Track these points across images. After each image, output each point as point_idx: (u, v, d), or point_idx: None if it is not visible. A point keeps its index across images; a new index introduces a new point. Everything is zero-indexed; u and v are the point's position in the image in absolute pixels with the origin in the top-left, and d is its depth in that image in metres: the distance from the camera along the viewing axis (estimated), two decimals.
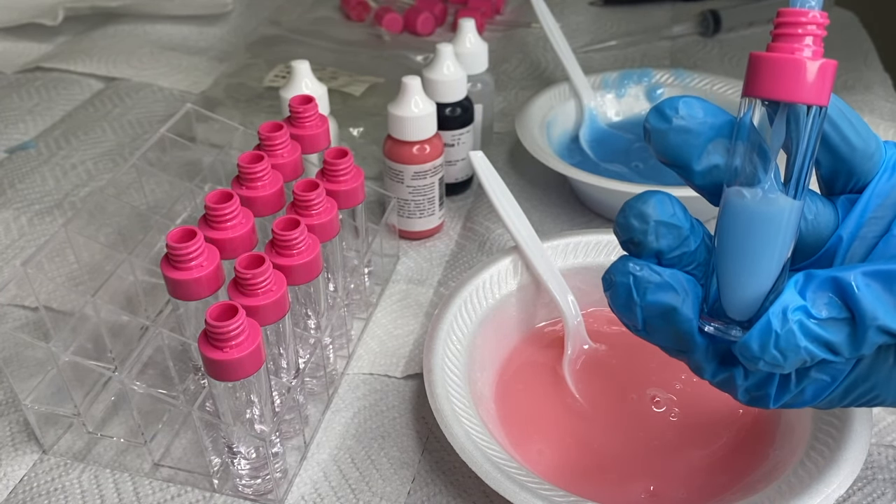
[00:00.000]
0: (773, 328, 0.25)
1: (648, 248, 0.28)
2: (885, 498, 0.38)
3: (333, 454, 0.41)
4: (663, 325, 0.28)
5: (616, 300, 0.28)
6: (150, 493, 0.39)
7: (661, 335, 0.29)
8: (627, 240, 0.28)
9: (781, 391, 0.29)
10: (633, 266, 0.28)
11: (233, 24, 0.89)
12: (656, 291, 0.27)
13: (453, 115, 0.57)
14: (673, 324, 0.28)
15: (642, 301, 0.28)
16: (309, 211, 0.40)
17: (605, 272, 0.29)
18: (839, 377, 0.28)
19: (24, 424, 0.43)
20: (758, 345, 0.26)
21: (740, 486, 0.37)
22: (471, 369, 0.41)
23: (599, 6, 0.92)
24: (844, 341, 0.26)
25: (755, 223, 0.26)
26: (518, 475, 0.34)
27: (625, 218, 0.28)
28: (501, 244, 0.55)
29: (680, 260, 0.28)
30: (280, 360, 0.39)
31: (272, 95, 0.69)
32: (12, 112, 0.72)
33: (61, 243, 0.53)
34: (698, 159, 0.28)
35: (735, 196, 0.27)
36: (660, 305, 0.28)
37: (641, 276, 0.28)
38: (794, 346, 0.25)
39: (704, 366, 0.29)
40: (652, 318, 0.28)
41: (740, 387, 0.29)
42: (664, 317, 0.28)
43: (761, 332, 0.26)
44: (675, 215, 0.28)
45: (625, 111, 0.66)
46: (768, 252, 0.27)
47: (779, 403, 0.29)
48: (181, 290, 0.36)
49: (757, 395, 0.29)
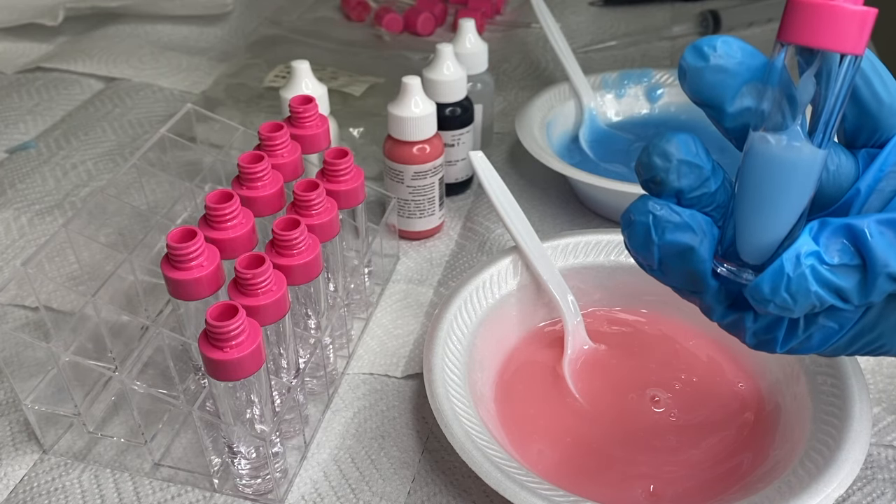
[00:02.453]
0: (786, 272, 0.26)
1: (669, 187, 0.28)
2: (885, 497, 0.39)
3: (333, 454, 0.41)
4: (678, 265, 0.28)
5: (634, 239, 0.29)
6: (151, 492, 0.39)
7: (675, 275, 0.29)
8: (649, 178, 0.28)
9: (789, 336, 0.29)
10: (652, 205, 0.28)
11: (233, 25, 0.89)
12: (674, 231, 0.28)
13: (453, 115, 0.57)
14: (688, 264, 0.28)
15: (660, 240, 0.28)
16: (309, 211, 0.41)
17: (625, 211, 0.29)
18: (847, 325, 0.28)
19: (24, 424, 0.43)
20: (769, 287, 0.26)
21: (740, 486, 0.37)
22: (471, 369, 0.41)
23: (599, 6, 0.92)
24: (854, 288, 0.26)
25: (778, 170, 0.26)
26: (518, 475, 0.34)
27: (647, 156, 0.28)
28: (501, 244, 0.55)
29: (699, 200, 0.28)
30: (280, 359, 0.39)
31: (272, 95, 0.69)
32: (13, 112, 0.72)
33: (62, 243, 0.53)
34: (732, 101, 0.27)
35: (760, 141, 0.26)
36: (677, 245, 0.28)
37: (661, 216, 0.28)
38: (804, 291, 0.26)
39: (714, 307, 0.30)
40: (668, 258, 0.28)
41: (748, 329, 0.29)
42: (680, 257, 0.28)
43: (773, 275, 0.26)
44: (698, 155, 0.28)
45: (625, 111, 0.66)
46: (788, 199, 0.27)
47: (785, 348, 0.29)
48: (181, 290, 0.36)
49: (765, 338, 0.29)
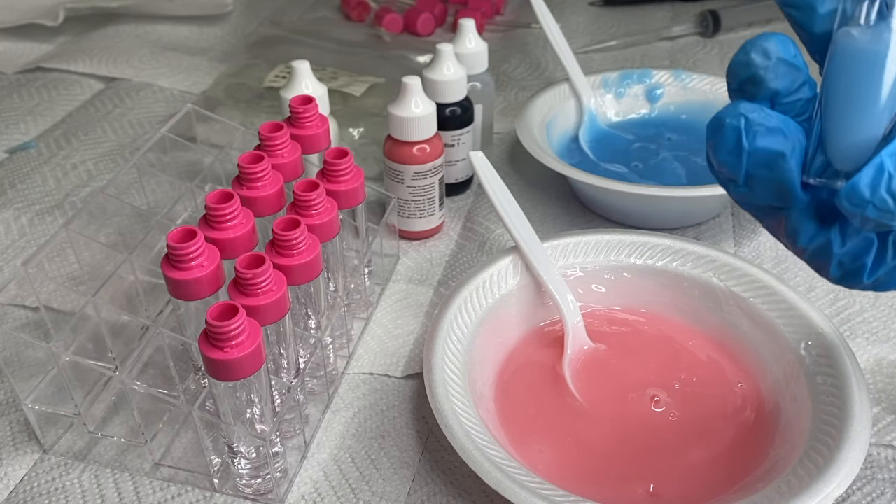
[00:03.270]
0: (886, 168, 0.24)
1: (766, 88, 0.27)
2: (885, 497, 0.39)
3: (334, 454, 0.41)
4: (767, 176, 0.27)
5: (722, 146, 0.27)
6: (151, 492, 0.39)
7: (762, 188, 0.28)
8: (746, 78, 0.27)
9: (878, 263, 0.27)
10: (745, 107, 0.27)
11: (233, 25, 0.89)
12: (767, 135, 0.26)
13: (453, 116, 0.57)
14: (778, 173, 0.27)
15: (751, 146, 0.27)
16: (309, 211, 0.41)
17: (713, 118, 0.28)
18: None
19: (24, 424, 0.43)
20: (868, 186, 0.24)
21: (740, 485, 0.37)
22: (471, 369, 0.41)
23: (599, 6, 0.92)
24: None
25: (864, 63, 0.25)
26: (518, 475, 0.34)
27: (745, 54, 0.27)
28: (501, 244, 0.55)
29: (793, 107, 0.27)
30: (280, 359, 0.39)
31: (272, 96, 0.69)
32: (13, 112, 0.72)
33: (62, 243, 0.53)
34: (823, 1, 0.27)
35: (844, 37, 0.26)
36: (768, 152, 0.26)
37: (753, 118, 0.26)
38: None
39: (801, 227, 0.28)
40: (756, 168, 0.27)
41: (835, 256, 0.27)
42: (770, 165, 0.27)
43: (874, 171, 0.24)
44: (797, 57, 0.27)
45: (624, 111, 0.66)
46: (878, 93, 0.25)
47: (873, 277, 0.27)
48: (182, 289, 0.36)
49: (852, 267, 0.27)
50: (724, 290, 0.45)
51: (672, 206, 0.54)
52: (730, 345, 0.45)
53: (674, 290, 0.47)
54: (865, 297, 0.50)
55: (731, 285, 0.45)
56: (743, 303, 0.44)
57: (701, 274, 0.46)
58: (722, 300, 0.45)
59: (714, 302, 0.45)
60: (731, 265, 0.45)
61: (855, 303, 0.49)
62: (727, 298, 0.45)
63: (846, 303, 0.49)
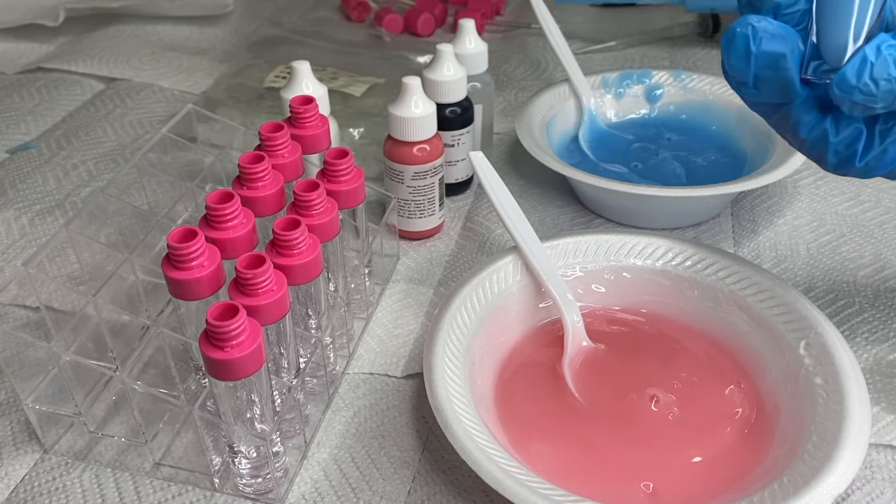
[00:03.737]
0: (868, 59, 0.29)
1: (769, 1, 0.33)
2: (884, 497, 0.39)
3: (334, 453, 0.41)
4: (771, 76, 0.33)
5: (734, 52, 0.33)
6: (151, 492, 0.40)
7: (768, 87, 0.33)
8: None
9: (867, 149, 0.32)
10: (752, 18, 0.32)
11: (233, 25, 0.89)
12: (770, 40, 0.32)
13: (453, 116, 0.57)
14: (780, 72, 0.32)
15: (758, 49, 0.32)
16: (309, 211, 0.41)
17: (727, 30, 0.34)
18: None
19: (25, 424, 0.43)
20: (854, 74, 0.30)
21: (740, 485, 0.37)
22: (471, 369, 0.42)
23: (599, 7, 0.93)
24: None
25: None
26: (518, 474, 0.34)
27: None
28: (501, 244, 0.56)
29: (793, 18, 0.33)
30: (281, 359, 0.39)
31: (273, 96, 0.69)
32: (13, 112, 0.72)
33: (62, 243, 0.53)
34: None
35: None
36: (772, 54, 0.32)
37: (759, 26, 0.32)
38: (886, 76, 0.29)
39: (802, 119, 0.33)
40: (762, 69, 0.33)
41: (831, 144, 0.33)
42: (774, 66, 0.32)
43: (859, 62, 0.29)
44: None
45: (624, 112, 0.66)
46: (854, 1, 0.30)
47: (863, 161, 0.33)
48: (182, 289, 0.36)
49: (845, 154, 0.33)
50: (724, 289, 0.45)
51: (672, 206, 0.54)
52: (729, 344, 0.45)
53: (674, 290, 0.47)
54: (865, 296, 0.50)
55: (730, 285, 0.45)
56: (742, 302, 0.44)
57: (700, 273, 0.46)
58: (721, 300, 0.45)
59: (714, 302, 0.46)
60: (731, 265, 0.45)
61: (854, 303, 0.49)
62: (727, 298, 0.45)
63: (845, 303, 0.49)
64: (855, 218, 0.57)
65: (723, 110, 0.63)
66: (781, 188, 0.60)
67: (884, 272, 0.52)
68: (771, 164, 0.55)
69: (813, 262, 0.53)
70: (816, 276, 0.52)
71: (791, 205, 0.58)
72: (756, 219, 0.57)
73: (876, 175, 0.34)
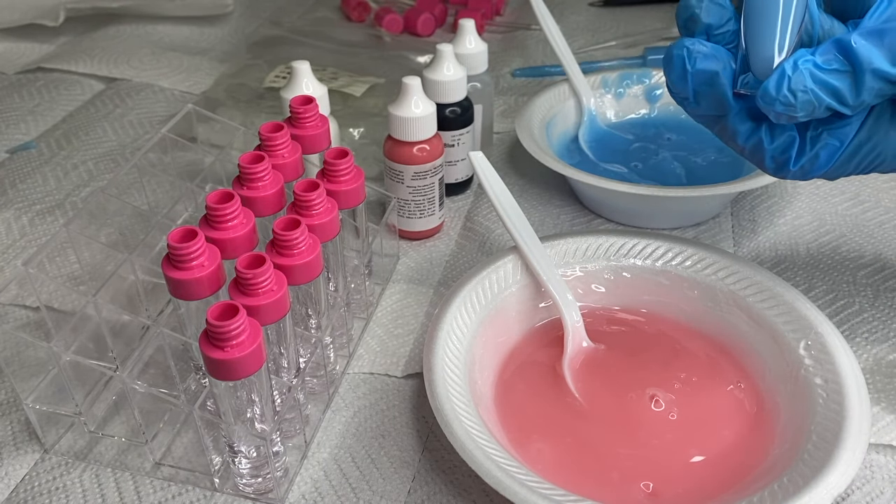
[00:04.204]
0: (787, 73, 0.32)
1: (701, 24, 0.35)
2: (884, 497, 0.39)
3: (334, 453, 0.41)
4: (708, 91, 0.35)
5: (673, 71, 0.36)
6: (152, 491, 0.40)
7: (706, 101, 0.36)
8: (686, 18, 0.35)
9: (799, 155, 0.35)
10: (687, 41, 0.35)
11: (234, 25, 0.89)
12: (704, 60, 0.35)
13: (453, 116, 0.57)
14: (715, 87, 0.35)
15: (693, 68, 0.35)
16: (309, 211, 0.41)
17: (665, 53, 0.36)
18: (846, 140, 0.34)
19: (25, 424, 0.43)
20: (774, 87, 0.32)
21: (740, 485, 0.37)
22: (471, 369, 0.42)
23: (599, 7, 0.93)
24: (847, 87, 0.32)
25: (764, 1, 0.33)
26: (518, 474, 0.34)
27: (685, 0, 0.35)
28: (501, 244, 0.56)
29: (724, 38, 0.35)
30: (281, 359, 0.39)
31: (273, 96, 0.69)
32: (13, 112, 0.72)
33: (62, 243, 0.53)
34: None
35: None
36: (706, 72, 0.35)
37: (693, 48, 0.35)
38: (802, 88, 0.32)
39: (738, 129, 0.36)
40: (699, 85, 0.35)
41: (767, 151, 0.35)
42: (709, 82, 0.35)
43: (777, 76, 0.32)
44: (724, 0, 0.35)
45: (624, 111, 0.66)
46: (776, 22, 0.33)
47: (797, 165, 0.35)
48: (182, 289, 0.36)
49: (781, 159, 0.35)
50: (724, 289, 0.45)
51: (672, 206, 0.55)
52: (729, 345, 0.45)
53: (674, 290, 0.47)
54: (865, 297, 0.50)
55: (730, 285, 0.45)
56: (742, 302, 0.44)
57: (700, 274, 0.46)
58: (721, 300, 0.45)
59: (713, 302, 0.46)
60: (731, 265, 0.45)
61: (854, 303, 0.49)
62: (726, 298, 0.45)
63: (845, 303, 0.49)
64: (855, 218, 0.57)
65: None
66: (781, 188, 0.60)
67: (884, 272, 0.52)
68: None
69: (813, 262, 0.53)
70: (816, 276, 0.52)
71: (791, 205, 0.58)
72: (756, 219, 0.57)
73: (813, 177, 0.36)
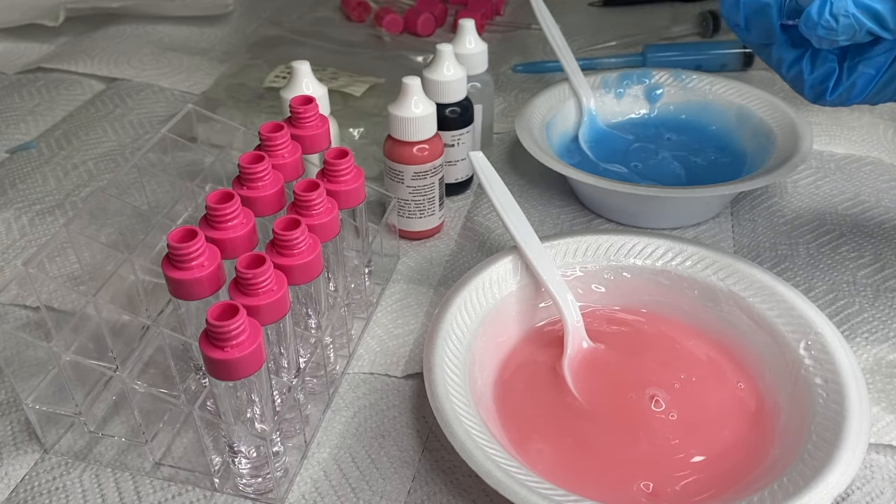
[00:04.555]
0: None
1: None
2: (884, 497, 0.39)
3: (334, 453, 0.41)
4: (758, 20, 0.40)
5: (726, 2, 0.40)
6: (152, 491, 0.40)
7: (756, 29, 0.40)
8: None
9: (837, 84, 0.39)
10: None
11: (234, 25, 0.89)
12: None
13: (453, 116, 0.57)
14: (765, 17, 0.39)
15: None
16: (309, 211, 0.41)
17: None
18: (881, 69, 0.38)
19: (25, 424, 0.43)
20: (816, 11, 0.35)
21: (740, 485, 0.37)
22: (471, 369, 0.42)
23: (599, 6, 0.93)
24: (889, 11, 0.34)
25: None
26: (518, 474, 0.35)
27: None
28: (501, 244, 0.56)
29: None
30: (281, 359, 0.39)
31: (273, 96, 0.69)
32: (13, 112, 0.72)
33: (62, 243, 0.53)
34: None
35: None
36: (757, 2, 0.39)
37: None
38: (844, 12, 0.34)
39: (783, 57, 0.40)
40: (750, 13, 0.40)
41: (807, 81, 0.40)
42: (759, 11, 0.39)
43: (820, 1, 0.35)
44: None
45: (624, 111, 0.66)
46: None
47: (835, 94, 0.39)
48: (182, 289, 0.36)
49: (819, 88, 0.40)
50: (724, 289, 0.45)
51: (672, 206, 0.55)
52: (729, 344, 0.45)
53: (674, 290, 0.47)
54: (865, 297, 0.50)
55: (730, 285, 0.45)
56: (742, 302, 0.44)
57: (700, 274, 0.46)
58: (721, 300, 0.45)
59: (713, 302, 0.46)
60: (731, 265, 0.45)
61: (854, 303, 0.49)
62: (726, 298, 0.45)
63: (845, 303, 0.49)
64: (855, 218, 0.57)
65: (723, 110, 0.63)
66: (781, 188, 0.60)
67: (884, 272, 0.52)
68: (771, 164, 0.55)
69: (813, 262, 0.53)
70: (816, 276, 0.52)
71: (791, 205, 0.58)
72: (756, 219, 0.57)
73: (851, 104, 0.40)
